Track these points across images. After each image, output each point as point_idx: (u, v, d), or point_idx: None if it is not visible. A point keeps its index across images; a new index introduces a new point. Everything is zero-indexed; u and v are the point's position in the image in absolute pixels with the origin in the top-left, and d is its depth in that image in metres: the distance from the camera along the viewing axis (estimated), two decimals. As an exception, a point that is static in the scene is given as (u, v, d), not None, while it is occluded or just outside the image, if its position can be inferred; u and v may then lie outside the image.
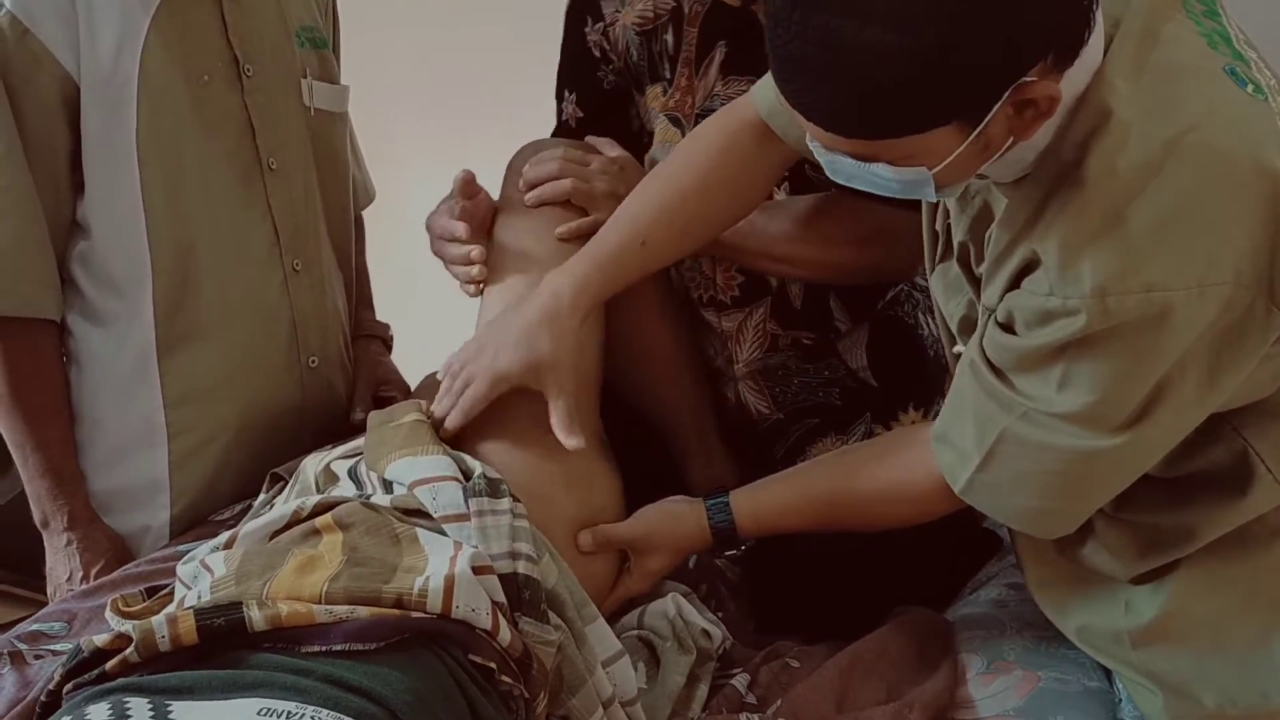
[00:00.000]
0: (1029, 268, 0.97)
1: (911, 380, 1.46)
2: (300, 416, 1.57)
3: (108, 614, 1.13)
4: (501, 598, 1.03)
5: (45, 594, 1.51)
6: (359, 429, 1.35)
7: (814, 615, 1.33)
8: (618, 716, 1.11)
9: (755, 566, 1.41)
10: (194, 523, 1.49)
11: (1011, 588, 1.32)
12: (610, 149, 1.44)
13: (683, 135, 1.44)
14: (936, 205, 1.16)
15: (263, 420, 1.53)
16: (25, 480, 1.45)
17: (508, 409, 1.23)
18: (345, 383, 1.67)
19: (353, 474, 1.21)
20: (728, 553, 1.37)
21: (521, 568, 1.07)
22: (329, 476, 1.23)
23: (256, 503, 1.34)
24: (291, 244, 1.53)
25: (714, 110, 1.37)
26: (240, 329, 1.49)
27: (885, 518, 1.19)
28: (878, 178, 0.95)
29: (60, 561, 1.46)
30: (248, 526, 1.12)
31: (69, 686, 0.93)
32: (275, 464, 1.39)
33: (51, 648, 1.20)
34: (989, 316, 1.04)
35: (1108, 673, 1.16)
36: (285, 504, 1.16)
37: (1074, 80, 0.92)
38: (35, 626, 1.24)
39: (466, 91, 2.42)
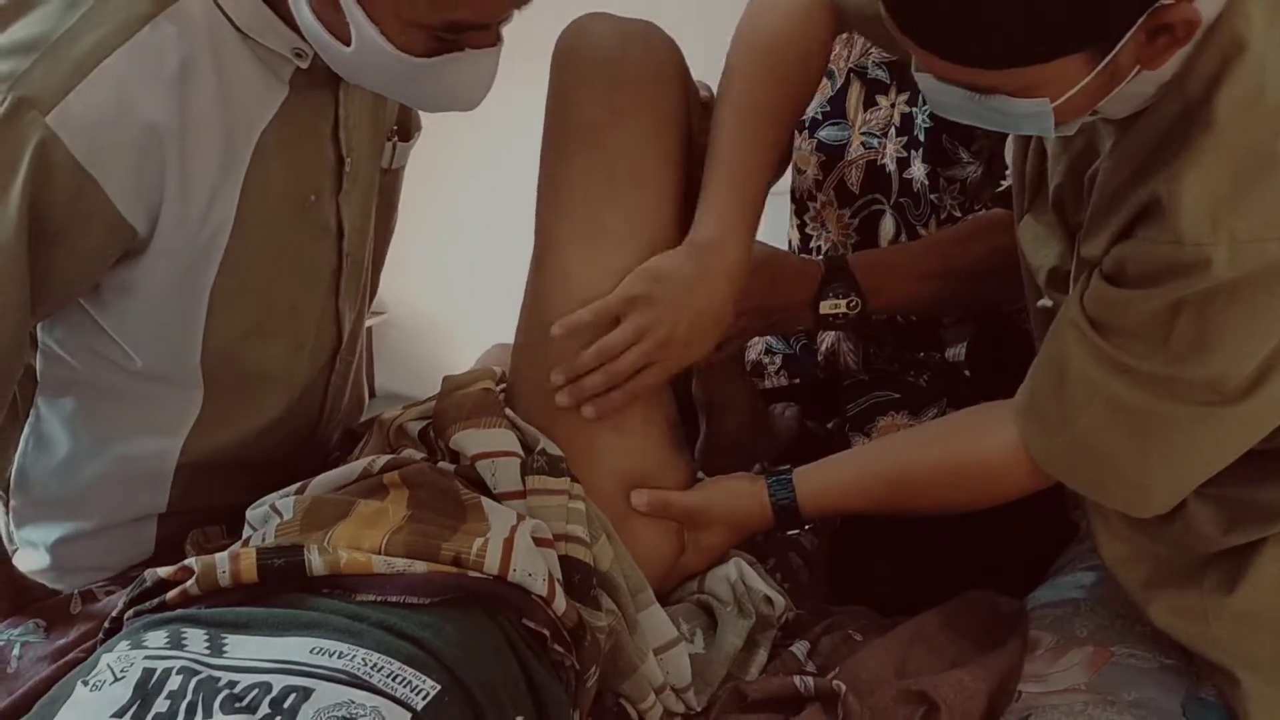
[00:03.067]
0: (1146, 214, 0.91)
1: (1010, 383, 1.42)
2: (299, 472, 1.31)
3: (186, 548, 1.19)
4: (559, 573, 1.03)
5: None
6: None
7: (890, 594, 1.30)
8: (670, 702, 1.10)
9: (837, 540, 1.39)
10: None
11: (1088, 569, 1.27)
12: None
13: (835, 85, 1.49)
14: (1027, 148, 1.10)
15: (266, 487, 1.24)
16: None
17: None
18: (354, 390, 1.48)
19: (423, 436, 1.22)
20: (790, 532, 1.33)
21: (570, 550, 1.06)
22: (400, 435, 1.24)
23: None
24: (349, 339, 1.35)
25: (866, 68, 1.43)
26: (275, 427, 1.30)
27: (954, 499, 1.14)
28: (992, 112, 0.91)
29: None
30: (319, 478, 1.13)
31: (130, 613, 0.95)
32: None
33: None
34: (1091, 270, 0.98)
35: (1185, 653, 1.10)
36: (357, 461, 1.17)
37: (1206, 6, 0.86)
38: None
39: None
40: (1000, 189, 1.39)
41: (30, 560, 1.30)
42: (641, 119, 1.20)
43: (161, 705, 0.78)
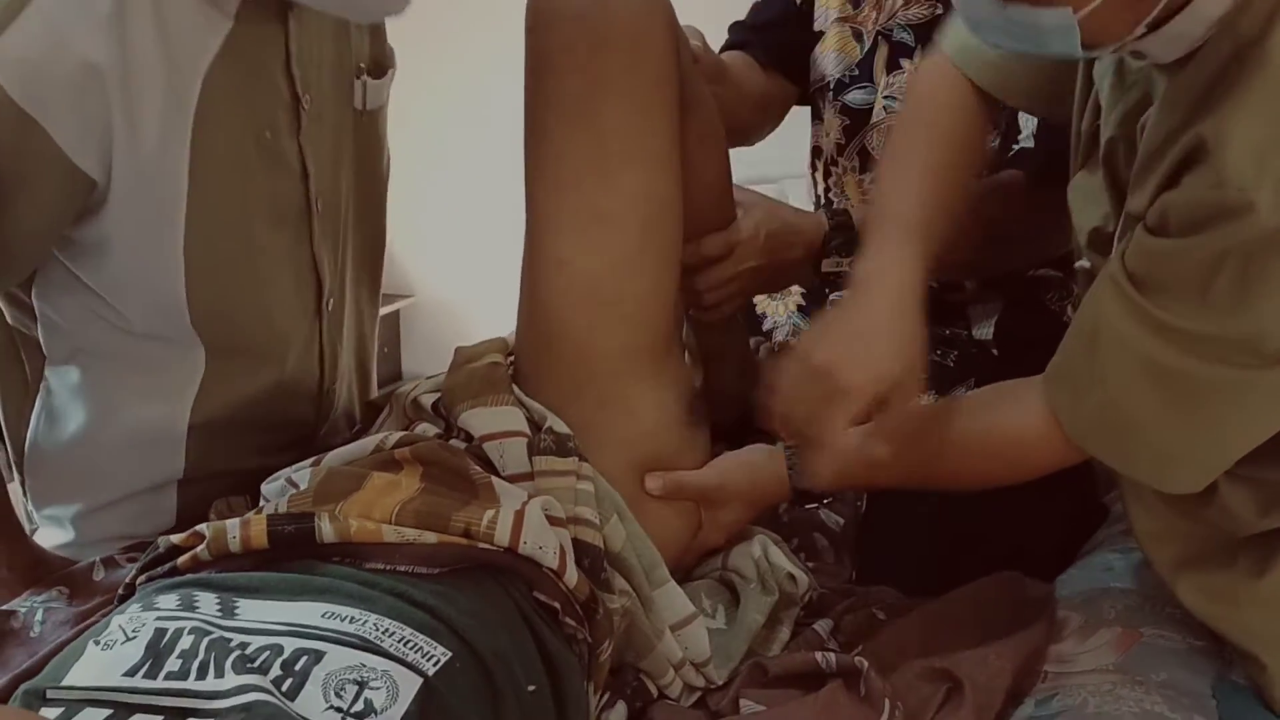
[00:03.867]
0: (1192, 160, 0.87)
1: (1039, 362, 1.40)
2: (309, 440, 1.37)
3: (210, 516, 1.19)
4: (572, 550, 1.02)
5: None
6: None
7: (916, 576, 1.28)
8: (690, 676, 1.09)
9: (863, 520, 1.37)
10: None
11: (1118, 552, 1.25)
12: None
13: (862, 48, 1.48)
14: (1086, 102, 1.06)
15: (275, 450, 1.31)
16: None
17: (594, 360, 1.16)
18: (362, 371, 1.50)
19: (436, 409, 1.21)
20: (808, 505, 1.31)
21: (579, 533, 1.04)
22: (416, 409, 1.23)
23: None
24: (331, 286, 1.33)
25: (892, 30, 1.42)
26: (276, 383, 1.29)
27: (976, 472, 1.08)
28: (1017, 25, 0.87)
29: None
30: (334, 452, 1.13)
31: (142, 578, 0.95)
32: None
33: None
34: (1135, 225, 0.94)
35: (1215, 636, 1.08)
36: (371, 436, 1.17)
37: None
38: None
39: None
40: (1013, 151, 1.37)
41: (53, 537, 1.31)
42: (630, 86, 1.12)
43: (174, 664, 0.78)
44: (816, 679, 1.02)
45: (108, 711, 0.74)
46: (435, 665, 0.82)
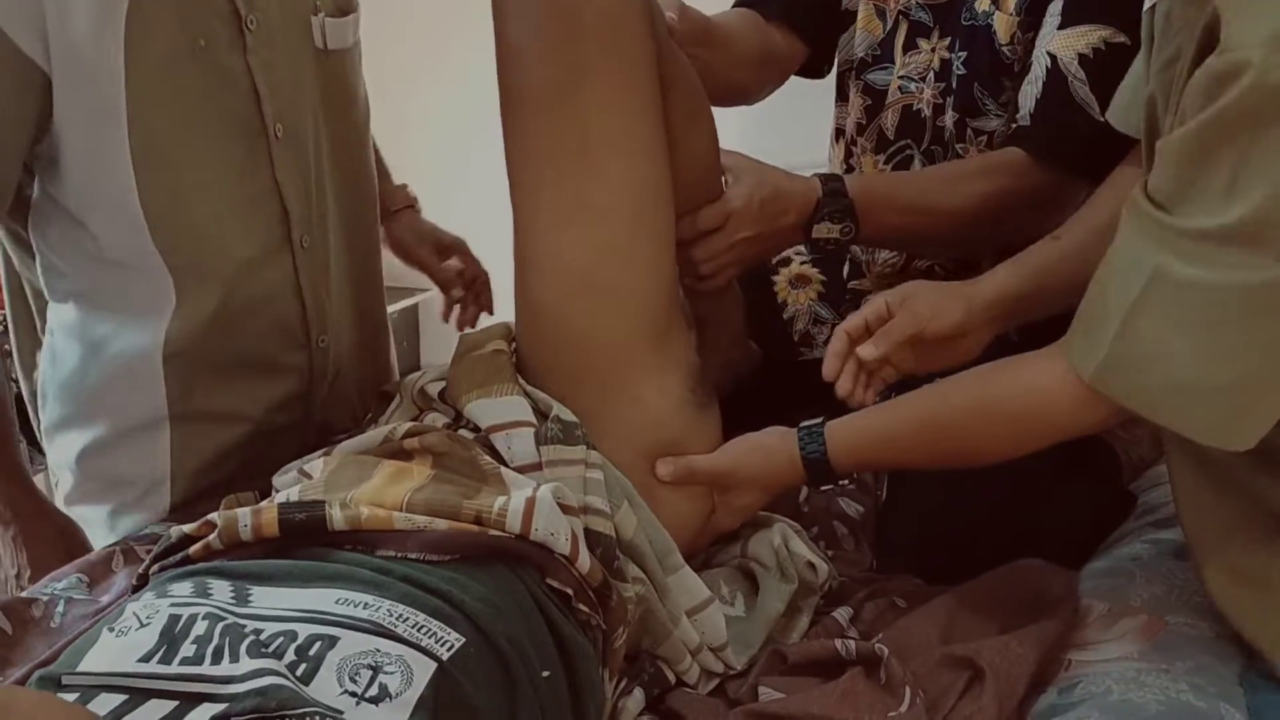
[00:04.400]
0: (1207, 42, 0.81)
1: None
2: (306, 402, 1.42)
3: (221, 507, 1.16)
4: (582, 535, 1.01)
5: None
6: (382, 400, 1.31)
7: (937, 565, 1.26)
8: (708, 662, 1.08)
9: (883, 508, 1.36)
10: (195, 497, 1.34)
11: (1146, 543, 1.23)
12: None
13: (885, 27, 1.46)
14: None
15: (267, 403, 1.38)
16: None
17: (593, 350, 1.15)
18: (369, 351, 1.53)
19: (443, 396, 1.21)
20: (823, 488, 1.28)
21: (591, 523, 1.03)
22: (424, 398, 1.23)
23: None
24: (301, 219, 1.34)
25: (911, 8, 1.41)
26: (250, 317, 1.32)
27: (989, 439, 1.04)
28: None
29: (5, 553, 1.35)
30: (346, 443, 1.13)
31: (155, 568, 0.95)
32: (281, 452, 1.26)
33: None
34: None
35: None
36: (381, 427, 1.16)
37: None
38: (150, 529, 1.29)
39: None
40: (1011, 130, 1.35)
41: (66, 486, 1.39)
42: (607, 71, 1.08)
43: (188, 649, 0.78)
44: (836, 666, 1.01)
45: (123, 697, 0.74)
46: (449, 650, 0.82)
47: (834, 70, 1.57)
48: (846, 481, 1.20)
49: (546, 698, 0.89)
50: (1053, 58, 1.29)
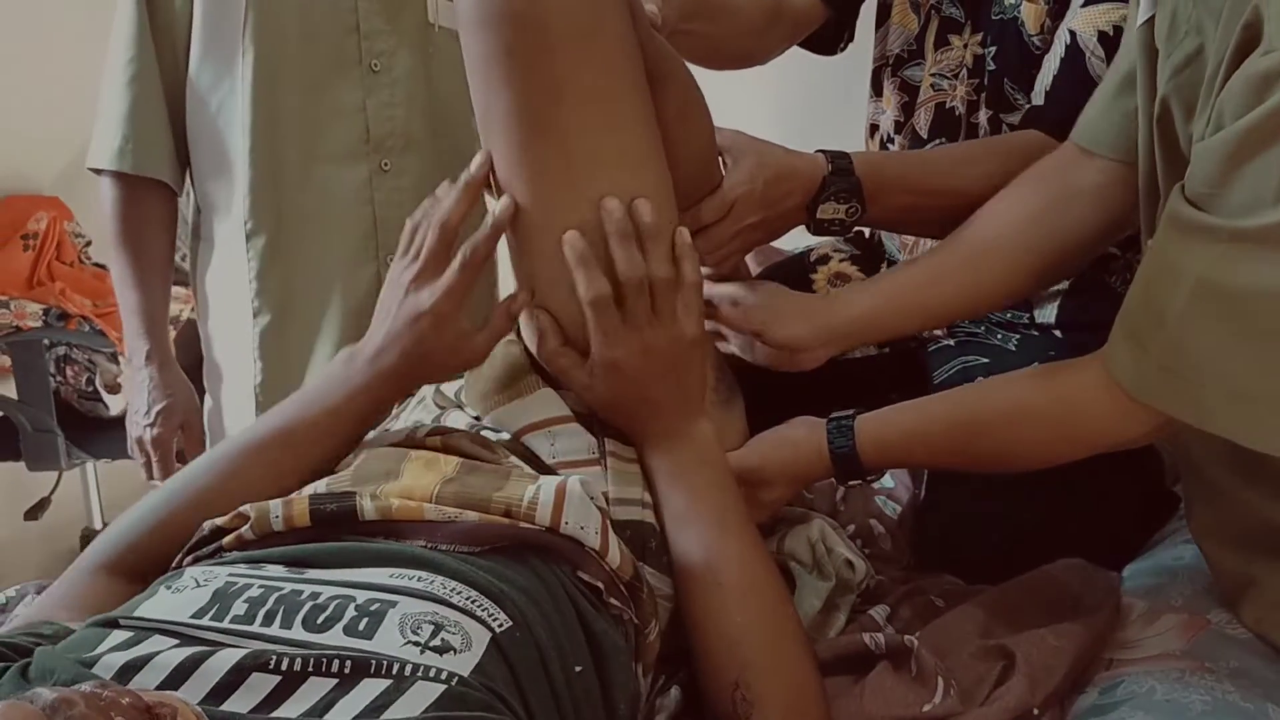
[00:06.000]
0: (1247, 42, 0.79)
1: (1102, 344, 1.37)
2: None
3: None
4: (610, 529, 0.99)
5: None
6: None
7: (978, 565, 1.24)
8: None
9: (923, 507, 1.35)
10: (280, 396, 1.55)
11: (1189, 543, 1.20)
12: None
13: (919, 21, 1.45)
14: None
15: (342, 306, 1.62)
16: (122, 315, 1.65)
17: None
18: None
19: (458, 396, 1.20)
20: (852, 482, 1.23)
21: (649, 517, 1.03)
22: (443, 399, 1.22)
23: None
24: (383, 144, 1.60)
25: (943, 3, 1.40)
26: (320, 217, 1.55)
27: (1022, 443, 1.01)
28: None
29: (138, 394, 1.68)
30: (370, 436, 1.13)
31: (189, 559, 0.95)
32: None
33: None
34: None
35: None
36: (404, 421, 1.16)
37: None
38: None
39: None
40: (1032, 105, 1.32)
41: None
42: (584, 83, 1.00)
43: (239, 608, 0.79)
44: (867, 661, 1.00)
45: (175, 641, 0.75)
46: (500, 627, 0.82)
47: (870, 65, 1.56)
48: (875, 477, 1.17)
49: (579, 692, 0.88)
50: (1073, 34, 1.27)
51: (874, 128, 1.55)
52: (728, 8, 1.42)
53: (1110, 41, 1.24)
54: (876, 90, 1.54)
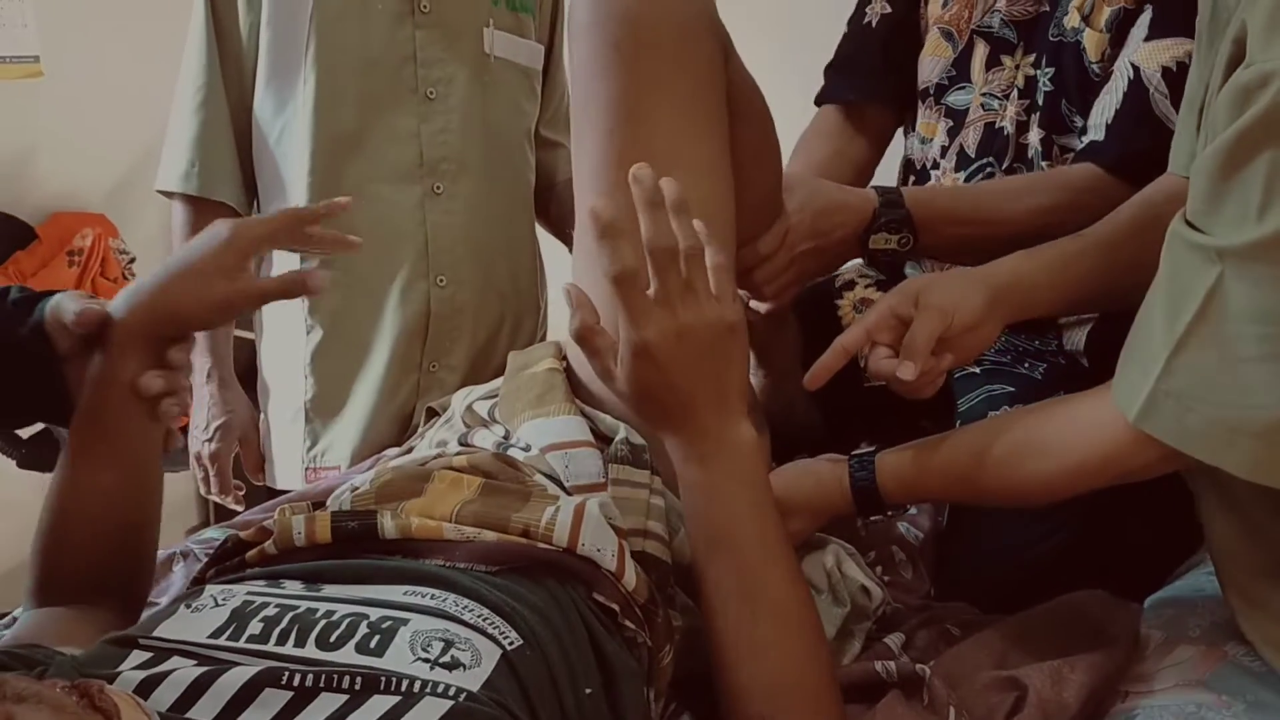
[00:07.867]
0: (1238, 59, 0.79)
1: None
2: (424, 336, 1.71)
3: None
4: (628, 551, 1.00)
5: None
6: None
7: (998, 595, 1.23)
8: None
9: (945, 535, 1.35)
10: (328, 412, 1.71)
11: (1211, 575, 1.19)
12: None
13: (953, 51, 1.46)
14: None
15: (393, 325, 1.67)
16: None
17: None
18: (492, 307, 1.78)
19: (492, 414, 1.22)
20: (873, 517, 1.25)
21: (649, 548, 1.03)
22: (473, 417, 1.24)
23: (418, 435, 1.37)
24: (436, 168, 1.66)
25: (992, 27, 1.40)
26: (374, 237, 1.56)
27: (1041, 479, 0.99)
28: None
29: (198, 410, 1.73)
30: (395, 460, 1.14)
31: (211, 573, 0.98)
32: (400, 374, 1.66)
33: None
34: None
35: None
36: (431, 446, 1.18)
37: None
38: (208, 534, 1.33)
39: None
40: (1090, 140, 1.32)
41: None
42: (677, 86, 1.09)
43: (255, 627, 0.81)
44: (878, 690, 1.00)
45: (194, 661, 0.77)
46: (511, 645, 0.83)
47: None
48: (893, 513, 1.16)
49: (589, 713, 0.89)
50: (1136, 69, 1.27)
51: (909, 163, 1.56)
52: (821, 165, 1.52)
53: (1175, 78, 1.24)
54: (909, 126, 1.55)
